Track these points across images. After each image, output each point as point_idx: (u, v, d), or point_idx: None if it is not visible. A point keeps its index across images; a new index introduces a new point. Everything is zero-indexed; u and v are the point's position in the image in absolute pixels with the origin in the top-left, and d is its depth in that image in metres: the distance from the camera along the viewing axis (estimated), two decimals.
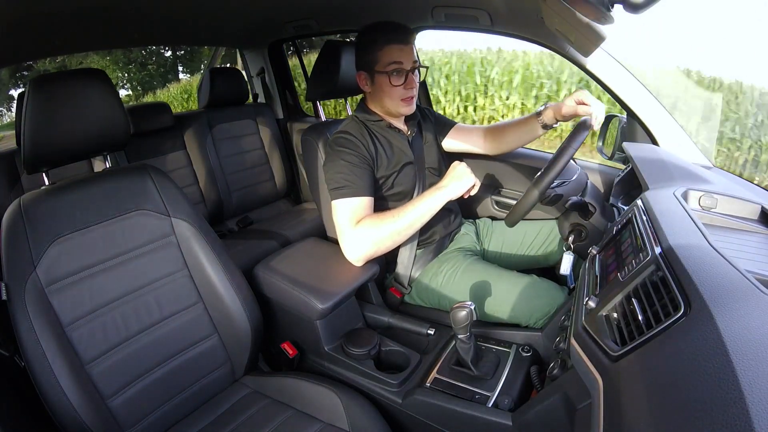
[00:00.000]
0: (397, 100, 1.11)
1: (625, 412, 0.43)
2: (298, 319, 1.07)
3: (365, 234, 1.02)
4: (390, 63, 1.07)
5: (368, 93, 1.17)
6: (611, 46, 1.07)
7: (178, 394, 0.94)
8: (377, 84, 1.11)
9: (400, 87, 1.09)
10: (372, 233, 1.02)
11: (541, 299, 1.03)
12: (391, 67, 1.07)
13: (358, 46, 1.14)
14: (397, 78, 1.08)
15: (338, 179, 1.05)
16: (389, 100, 1.12)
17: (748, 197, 0.81)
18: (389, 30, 1.08)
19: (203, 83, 2.09)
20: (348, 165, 1.05)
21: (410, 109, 1.14)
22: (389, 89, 1.09)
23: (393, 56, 1.07)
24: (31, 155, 0.82)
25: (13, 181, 1.56)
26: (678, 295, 0.49)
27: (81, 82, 0.86)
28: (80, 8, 1.07)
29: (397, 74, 1.08)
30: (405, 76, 1.09)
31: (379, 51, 1.07)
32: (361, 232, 1.02)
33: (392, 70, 1.07)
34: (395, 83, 1.08)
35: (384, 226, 1.02)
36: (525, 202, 0.95)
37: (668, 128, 1.13)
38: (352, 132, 1.11)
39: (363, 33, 1.13)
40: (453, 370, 0.94)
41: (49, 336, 0.77)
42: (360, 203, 1.04)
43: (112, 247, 0.90)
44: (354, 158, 1.06)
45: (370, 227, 1.02)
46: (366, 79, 1.13)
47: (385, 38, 1.07)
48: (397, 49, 1.07)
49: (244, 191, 2.07)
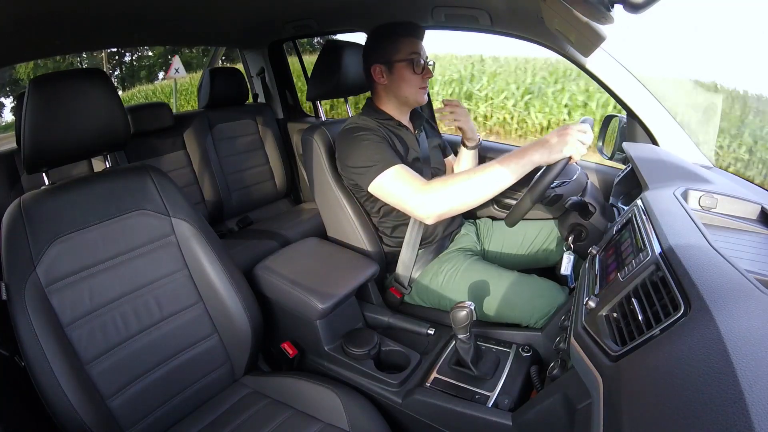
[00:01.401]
0: (416, 88, 1.16)
1: (625, 412, 0.43)
2: (298, 319, 1.07)
3: (440, 190, 0.96)
4: (411, 52, 1.13)
5: (383, 86, 1.18)
6: (611, 46, 1.07)
7: (178, 394, 0.94)
8: (396, 73, 1.14)
9: (418, 76, 1.14)
10: (446, 190, 0.96)
11: (541, 299, 1.04)
12: (411, 56, 1.13)
13: (373, 41, 1.18)
14: (416, 67, 1.13)
15: (367, 160, 1.04)
16: (408, 87, 1.16)
17: (748, 197, 0.81)
18: (408, 25, 1.15)
19: (203, 83, 2.09)
20: (371, 144, 1.06)
21: (425, 99, 1.20)
22: (410, 77, 1.14)
23: (412, 47, 1.13)
24: (31, 155, 0.82)
25: (13, 181, 1.56)
26: (678, 295, 0.49)
27: (81, 82, 0.86)
28: (80, 8, 1.06)
29: (417, 63, 1.13)
30: (423, 66, 1.14)
31: (400, 42, 1.13)
32: (435, 189, 0.97)
33: (413, 60, 1.13)
34: (417, 71, 1.14)
35: (457, 184, 0.95)
36: (525, 202, 0.95)
37: (668, 128, 1.13)
38: (363, 123, 1.13)
39: (380, 28, 1.18)
40: (453, 370, 0.94)
41: (48, 336, 0.77)
42: (403, 168, 1.02)
43: (112, 247, 0.90)
44: (374, 137, 1.08)
45: (443, 185, 0.97)
46: (383, 72, 1.16)
47: (405, 31, 1.14)
48: (414, 42, 1.14)
49: (244, 191, 2.07)
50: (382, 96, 1.20)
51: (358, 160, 1.06)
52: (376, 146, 1.05)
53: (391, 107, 1.20)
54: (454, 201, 0.95)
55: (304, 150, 1.27)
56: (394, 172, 1.01)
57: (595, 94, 4.77)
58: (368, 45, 1.19)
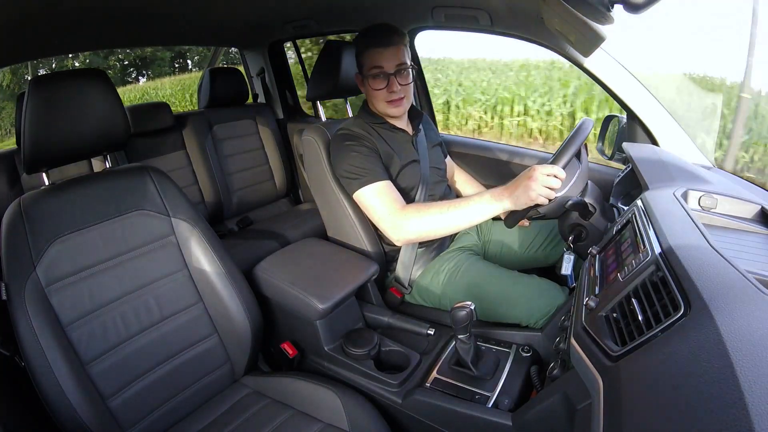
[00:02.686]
0: (383, 102, 1.13)
1: (625, 412, 0.43)
2: (298, 320, 1.07)
3: (414, 218, 1.00)
4: (372, 67, 1.09)
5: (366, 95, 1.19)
6: (615, 43, 1.06)
7: (178, 394, 0.94)
8: (366, 87, 1.14)
9: (382, 90, 1.10)
10: (420, 219, 1.00)
11: (541, 299, 1.04)
12: (372, 71, 1.09)
13: (354, 48, 1.17)
14: (378, 81, 1.10)
15: (355, 170, 1.06)
16: (376, 102, 1.14)
17: (748, 197, 0.81)
18: (370, 34, 1.10)
19: (203, 83, 2.09)
20: (359, 155, 1.07)
21: (398, 110, 1.14)
22: (373, 92, 1.12)
23: (374, 60, 1.08)
24: (31, 155, 0.82)
25: (13, 181, 1.56)
26: (678, 295, 0.49)
27: (81, 82, 0.86)
28: (80, 8, 1.07)
29: (377, 78, 1.09)
30: (387, 79, 1.09)
31: (363, 55, 1.10)
32: (408, 216, 1.01)
33: (373, 74, 1.09)
34: (376, 87, 1.10)
35: (431, 216, 0.99)
36: None
37: (668, 128, 1.13)
38: (355, 129, 1.13)
39: (357, 36, 1.16)
40: (453, 370, 0.94)
41: (48, 336, 0.77)
42: (387, 186, 1.06)
43: (112, 246, 0.90)
44: (363, 149, 1.08)
45: (417, 213, 1.01)
46: (361, 81, 1.16)
47: (365, 42, 1.10)
48: (377, 53, 1.08)
49: (244, 191, 2.07)
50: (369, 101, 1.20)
51: (345, 169, 1.08)
52: (363, 158, 1.06)
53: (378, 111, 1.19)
54: (425, 231, 1.01)
55: (304, 150, 1.27)
56: (375, 188, 1.05)
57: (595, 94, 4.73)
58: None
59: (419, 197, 1.16)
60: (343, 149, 1.09)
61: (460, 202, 0.97)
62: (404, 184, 1.15)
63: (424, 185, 1.18)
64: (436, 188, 1.24)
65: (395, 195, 1.06)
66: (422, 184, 1.18)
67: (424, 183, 1.18)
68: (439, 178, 1.26)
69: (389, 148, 1.14)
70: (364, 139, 1.10)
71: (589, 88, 4.73)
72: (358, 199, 1.09)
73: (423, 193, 1.17)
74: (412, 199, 1.16)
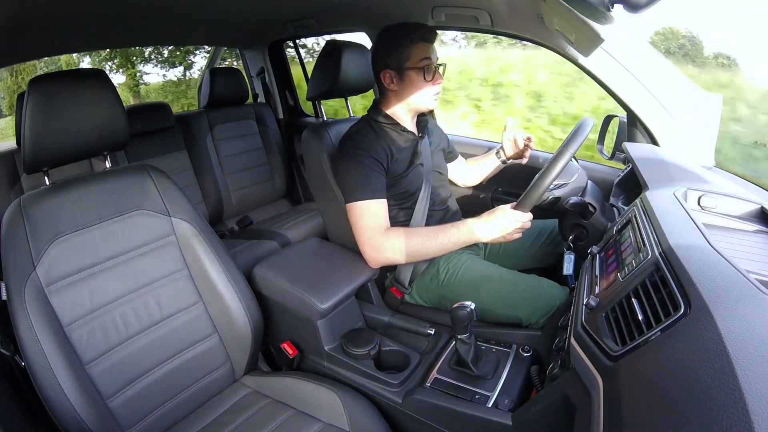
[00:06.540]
0: (429, 95, 1.15)
1: (625, 412, 0.43)
2: (298, 319, 1.07)
3: (393, 244, 1.06)
4: (422, 59, 1.10)
5: (392, 92, 1.16)
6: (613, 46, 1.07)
7: (178, 394, 0.94)
8: (407, 80, 1.13)
9: (430, 83, 1.13)
10: (400, 246, 1.06)
11: (541, 299, 1.03)
12: (423, 63, 1.10)
13: (383, 44, 1.14)
14: (428, 74, 1.12)
15: (356, 182, 1.07)
16: (420, 95, 1.14)
17: (748, 197, 0.81)
18: (419, 29, 1.12)
19: (203, 83, 2.09)
20: (363, 167, 1.07)
21: (436, 104, 1.20)
22: (421, 84, 1.12)
23: (422, 52, 1.10)
24: (31, 155, 0.82)
25: (13, 181, 1.56)
26: (678, 295, 0.49)
27: (81, 82, 0.86)
28: (80, 8, 1.07)
29: (428, 70, 1.11)
30: (434, 72, 1.12)
31: (411, 48, 1.10)
32: (389, 241, 1.06)
33: (425, 66, 1.11)
34: (428, 78, 1.12)
35: (411, 244, 1.06)
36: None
37: (668, 128, 1.12)
38: (365, 133, 1.12)
39: (389, 31, 1.14)
40: (453, 370, 0.94)
41: (48, 336, 0.77)
42: (379, 206, 1.08)
43: (112, 247, 0.90)
44: (369, 161, 1.08)
45: (398, 240, 1.06)
46: (393, 78, 1.14)
47: (417, 36, 1.11)
48: (425, 47, 1.11)
49: (244, 191, 2.07)
50: (392, 101, 1.18)
51: (347, 177, 1.10)
52: (367, 172, 1.07)
53: (398, 112, 1.19)
54: (403, 257, 1.08)
55: (304, 150, 1.27)
56: (367, 206, 1.06)
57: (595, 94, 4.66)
58: (377, 48, 1.16)
59: (423, 198, 1.16)
60: (350, 156, 1.09)
61: (440, 235, 1.06)
62: (409, 185, 1.15)
63: (426, 187, 1.18)
64: (440, 191, 1.24)
65: (383, 217, 1.08)
66: (425, 187, 1.18)
67: (427, 186, 1.18)
68: (440, 182, 1.26)
69: (397, 149, 1.14)
70: (373, 149, 1.09)
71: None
72: (348, 209, 1.10)
73: (426, 194, 1.17)
74: (416, 200, 1.16)
